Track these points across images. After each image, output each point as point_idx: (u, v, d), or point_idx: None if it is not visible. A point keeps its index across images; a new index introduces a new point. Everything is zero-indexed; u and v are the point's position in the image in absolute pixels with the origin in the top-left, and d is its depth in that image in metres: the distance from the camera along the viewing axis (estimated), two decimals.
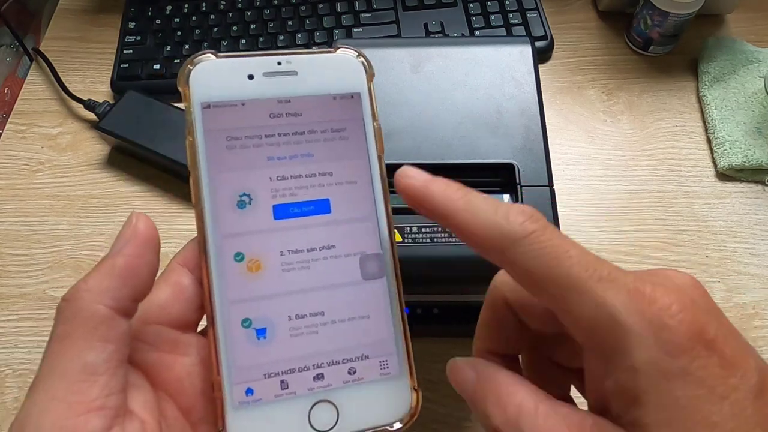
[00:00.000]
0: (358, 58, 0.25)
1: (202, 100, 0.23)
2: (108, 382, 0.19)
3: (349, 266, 0.24)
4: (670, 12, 0.59)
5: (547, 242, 0.18)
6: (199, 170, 0.23)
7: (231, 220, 0.23)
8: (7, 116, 0.63)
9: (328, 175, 0.24)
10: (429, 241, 0.35)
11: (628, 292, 0.17)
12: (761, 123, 0.58)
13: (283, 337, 0.23)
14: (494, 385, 0.19)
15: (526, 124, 0.39)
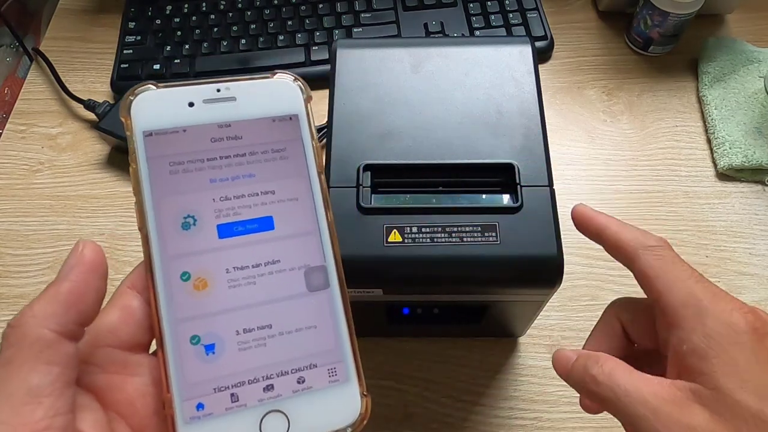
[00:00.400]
0: (294, 81, 0.27)
1: (143, 128, 0.24)
2: (53, 403, 0.19)
3: (295, 279, 0.25)
4: (670, 12, 0.59)
5: (666, 255, 0.27)
6: (143, 195, 0.24)
7: (176, 241, 0.24)
8: (7, 116, 0.63)
9: (270, 194, 0.25)
10: (429, 241, 0.35)
11: (713, 292, 0.25)
12: (761, 123, 0.58)
13: (232, 352, 0.24)
14: (593, 355, 0.26)
15: (526, 124, 0.39)
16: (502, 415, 0.46)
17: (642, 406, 0.23)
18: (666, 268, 0.26)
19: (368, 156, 0.37)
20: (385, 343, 0.49)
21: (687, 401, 0.23)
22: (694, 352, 0.24)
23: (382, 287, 0.36)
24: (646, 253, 0.27)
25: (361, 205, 0.36)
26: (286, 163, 0.26)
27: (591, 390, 0.26)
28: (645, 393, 0.24)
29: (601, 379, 0.25)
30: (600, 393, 0.25)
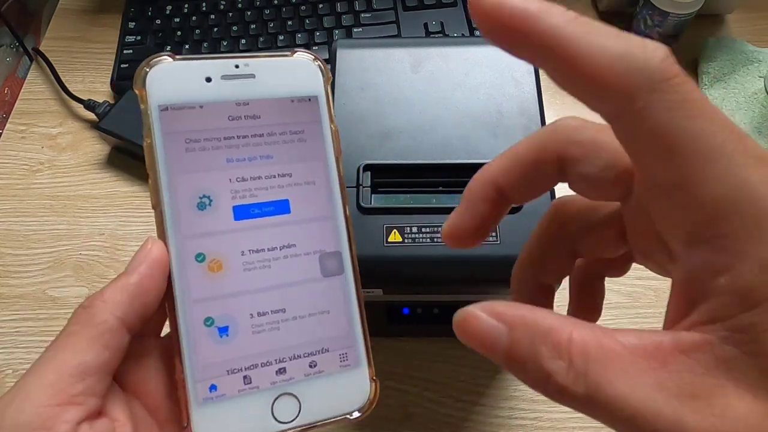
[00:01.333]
0: (314, 62, 0.26)
1: (159, 102, 0.23)
2: (94, 384, 0.21)
3: (309, 264, 0.25)
4: (670, 12, 0.59)
5: (690, 94, 0.14)
6: (158, 172, 0.23)
7: (191, 221, 0.23)
8: (7, 116, 0.63)
9: (287, 176, 0.25)
10: (429, 241, 0.35)
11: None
12: (761, 123, 0.58)
13: (246, 334, 0.24)
14: (543, 328, 0.15)
15: (526, 124, 0.39)
16: (502, 415, 0.46)
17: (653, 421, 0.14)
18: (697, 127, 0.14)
19: (368, 156, 0.37)
20: (385, 343, 0.49)
21: (715, 382, 0.13)
22: (740, 291, 0.13)
23: (382, 287, 0.36)
24: (655, 96, 0.14)
25: (361, 205, 0.36)
26: (304, 145, 0.25)
27: (563, 403, 0.15)
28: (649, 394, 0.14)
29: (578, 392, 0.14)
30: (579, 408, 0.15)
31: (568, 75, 0.15)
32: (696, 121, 0.14)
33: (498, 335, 0.16)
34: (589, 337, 0.15)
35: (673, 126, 0.14)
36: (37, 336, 0.50)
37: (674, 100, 0.14)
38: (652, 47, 0.15)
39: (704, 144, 0.14)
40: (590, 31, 0.14)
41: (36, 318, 0.51)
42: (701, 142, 0.14)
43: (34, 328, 0.51)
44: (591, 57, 0.14)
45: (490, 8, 0.15)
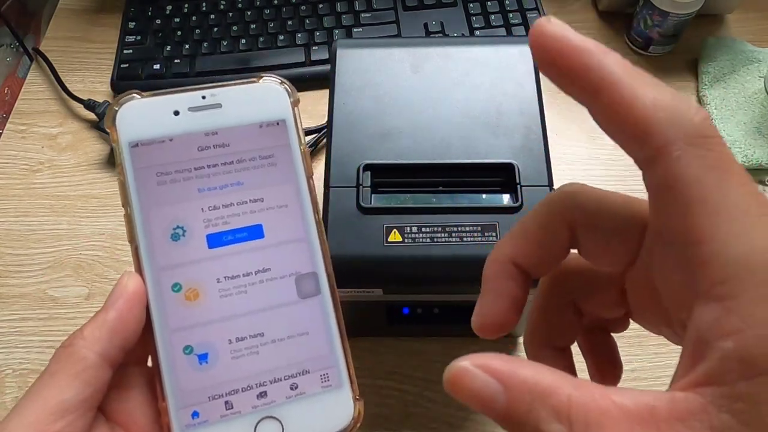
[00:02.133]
0: (281, 85, 0.26)
1: (129, 139, 0.24)
2: (75, 420, 0.21)
3: (286, 287, 0.25)
4: (670, 12, 0.59)
5: (725, 155, 0.15)
6: (132, 207, 0.24)
7: (166, 252, 0.24)
8: (7, 116, 0.63)
9: (259, 201, 0.25)
10: (429, 241, 0.35)
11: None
12: (761, 123, 0.58)
13: (225, 360, 0.24)
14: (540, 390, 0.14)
15: (526, 124, 0.39)
16: None
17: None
18: (723, 188, 0.14)
19: (368, 156, 0.37)
20: (385, 343, 0.49)
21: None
22: (744, 357, 0.13)
23: (382, 287, 0.36)
24: (690, 150, 0.14)
25: (361, 205, 0.36)
26: (275, 169, 0.25)
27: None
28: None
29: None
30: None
31: (613, 116, 0.15)
32: (727, 180, 0.14)
33: (494, 394, 0.15)
34: (588, 399, 0.14)
35: (704, 179, 0.14)
36: (37, 336, 0.50)
37: (709, 157, 0.14)
38: (696, 107, 0.15)
39: (731, 203, 0.14)
40: (641, 80, 0.15)
41: (36, 318, 0.51)
42: (728, 201, 0.14)
43: (34, 328, 0.50)
44: (639, 102, 0.15)
45: (552, 38, 0.16)
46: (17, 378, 0.48)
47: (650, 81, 0.16)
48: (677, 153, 0.14)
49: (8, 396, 0.48)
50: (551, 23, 0.16)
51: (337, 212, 0.36)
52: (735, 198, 0.14)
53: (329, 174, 0.37)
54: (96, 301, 0.52)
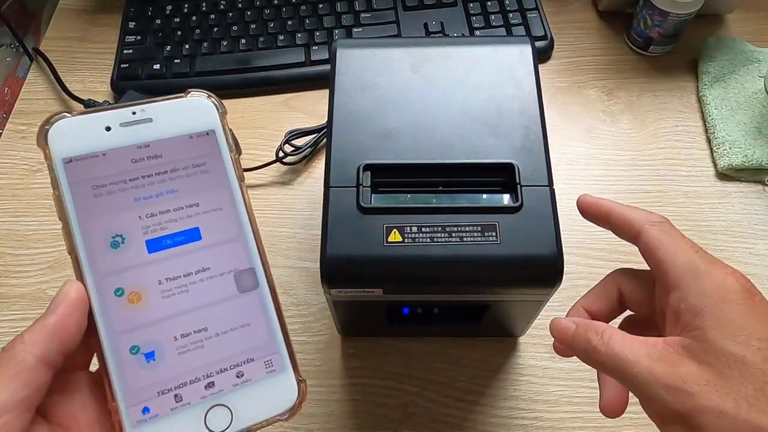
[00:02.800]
0: (209, 99, 0.28)
1: (62, 156, 0.25)
2: (11, 420, 0.22)
3: (225, 283, 0.27)
4: (670, 12, 0.59)
5: (669, 229, 0.29)
6: (70, 220, 0.25)
7: (107, 260, 0.25)
8: (7, 116, 0.63)
9: (195, 206, 0.27)
10: (429, 240, 0.35)
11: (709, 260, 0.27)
12: (761, 123, 0.58)
13: (172, 356, 0.25)
14: (593, 325, 0.28)
15: (526, 124, 0.39)
16: (502, 415, 0.46)
17: (638, 367, 0.25)
18: (669, 240, 0.29)
19: (368, 156, 0.37)
20: (385, 343, 0.49)
21: (678, 356, 0.25)
22: (690, 309, 0.26)
23: (382, 287, 0.36)
24: (651, 227, 0.29)
25: (361, 204, 0.36)
26: (208, 176, 0.27)
27: (592, 358, 0.27)
28: (639, 355, 0.25)
29: (602, 350, 0.27)
30: (600, 360, 0.27)
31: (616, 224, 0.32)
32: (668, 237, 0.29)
33: (569, 328, 0.29)
34: (614, 331, 0.27)
35: (658, 239, 0.29)
36: None
37: (661, 229, 0.29)
38: (653, 213, 0.31)
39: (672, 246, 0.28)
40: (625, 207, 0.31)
41: (36, 318, 0.51)
42: (671, 246, 0.28)
43: None
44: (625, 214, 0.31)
45: (585, 202, 0.33)
46: None
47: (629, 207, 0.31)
48: (645, 229, 0.30)
49: None
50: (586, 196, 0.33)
51: (337, 212, 0.36)
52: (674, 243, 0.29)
53: (329, 174, 0.37)
54: None
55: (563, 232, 0.35)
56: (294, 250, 0.54)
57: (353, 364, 0.48)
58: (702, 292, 0.26)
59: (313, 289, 0.52)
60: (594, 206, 0.32)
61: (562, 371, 0.48)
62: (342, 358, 0.49)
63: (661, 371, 0.25)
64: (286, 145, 0.57)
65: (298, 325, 0.50)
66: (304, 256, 0.54)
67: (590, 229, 0.55)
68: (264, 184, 0.58)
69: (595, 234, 0.54)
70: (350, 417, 0.46)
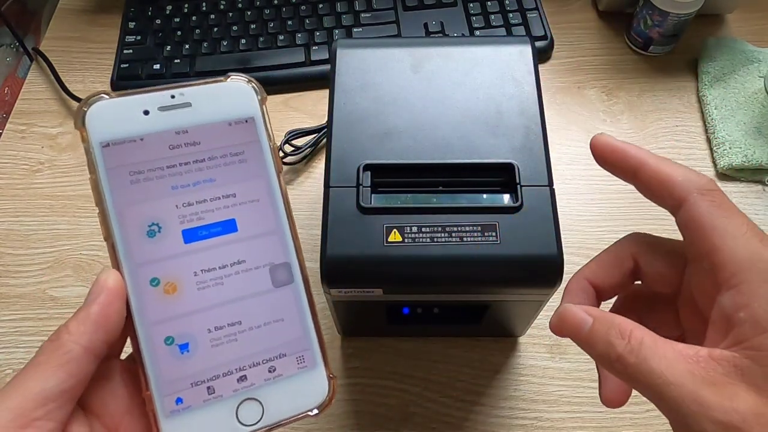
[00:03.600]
0: (249, 84, 0.27)
1: (100, 139, 0.25)
2: (55, 410, 0.22)
3: (260, 277, 0.26)
4: (670, 12, 0.59)
5: (724, 202, 0.23)
6: (106, 206, 0.25)
7: (143, 249, 0.25)
8: (7, 116, 0.63)
9: (232, 197, 0.26)
10: (429, 240, 0.35)
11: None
12: (761, 123, 0.58)
13: (205, 349, 0.25)
14: (616, 322, 0.23)
15: (525, 124, 0.39)
16: (502, 415, 0.46)
17: (680, 390, 0.20)
18: (726, 219, 0.22)
19: (368, 156, 0.37)
20: (385, 343, 0.49)
21: (731, 381, 0.20)
22: (754, 321, 0.20)
23: (382, 287, 0.36)
24: (702, 198, 0.23)
25: (361, 204, 0.36)
26: (246, 165, 0.26)
27: (617, 369, 0.22)
28: (680, 373, 0.20)
29: (631, 361, 0.21)
30: (628, 373, 0.22)
31: (649, 184, 0.25)
32: (725, 215, 0.22)
33: (584, 323, 0.23)
34: (645, 332, 0.22)
35: (710, 216, 0.23)
36: (37, 336, 0.50)
37: (713, 202, 0.23)
38: (703, 175, 0.24)
39: (731, 227, 0.22)
40: (662, 160, 0.25)
41: (36, 318, 0.51)
42: (729, 226, 0.22)
43: (34, 328, 0.51)
44: (664, 173, 0.25)
45: (603, 143, 0.26)
46: None
47: (669, 161, 0.25)
48: (692, 200, 0.23)
49: None
50: (604, 136, 0.26)
51: (337, 212, 0.36)
52: (731, 226, 0.22)
53: (329, 174, 0.37)
54: None
55: (563, 232, 0.35)
56: None
57: (353, 364, 0.48)
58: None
59: (313, 289, 0.52)
60: (619, 152, 0.25)
61: (562, 371, 0.48)
62: (342, 358, 0.49)
63: (712, 400, 0.20)
64: (286, 145, 0.57)
65: None
66: (304, 256, 0.53)
67: (590, 229, 0.55)
68: None
69: (595, 234, 0.54)
70: (350, 417, 0.46)
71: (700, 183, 0.23)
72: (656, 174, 0.24)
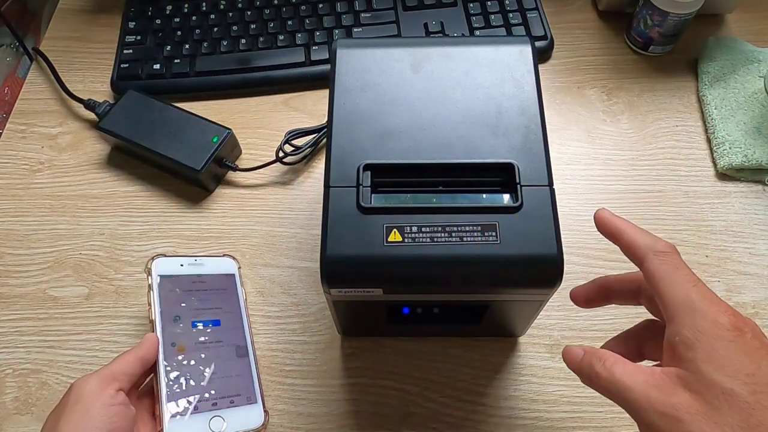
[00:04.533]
0: (233, 260, 0.51)
1: (159, 274, 0.46)
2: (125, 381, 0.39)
3: (229, 351, 0.46)
4: (670, 12, 0.59)
5: (672, 260, 0.30)
6: (154, 306, 0.45)
7: (170, 328, 0.44)
8: (7, 116, 0.63)
9: (219, 308, 0.47)
10: (429, 240, 0.35)
11: (705, 296, 0.29)
12: (761, 123, 0.58)
13: (196, 385, 0.43)
14: (597, 353, 0.31)
15: (525, 124, 0.39)
16: (502, 415, 0.46)
17: (634, 393, 0.28)
18: (669, 272, 0.30)
19: (368, 156, 0.37)
20: (385, 343, 0.49)
21: (672, 385, 0.27)
22: (684, 342, 0.28)
23: (382, 287, 0.36)
24: (655, 256, 0.30)
25: (361, 204, 0.36)
26: (228, 294, 0.49)
27: (594, 384, 0.30)
28: (637, 382, 0.28)
29: (603, 375, 0.29)
30: (602, 385, 0.29)
31: (624, 246, 0.33)
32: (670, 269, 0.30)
33: (578, 355, 0.32)
34: (617, 358, 0.30)
35: (659, 270, 0.30)
36: (37, 336, 0.50)
37: (663, 260, 0.30)
38: (663, 241, 0.31)
39: (671, 278, 0.30)
40: (636, 230, 0.32)
41: (36, 318, 0.51)
42: (670, 278, 0.30)
43: (34, 328, 0.51)
44: (633, 238, 0.32)
45: (601, 217, 0.34)
46: (17, 378, 0.48)
47: (640, 230, 0.32)
48: (649, 258, 0.31)
49: (8, 396, 0.48)
50: (604, 211, 0.34)
51: (337, 212, 0.36)
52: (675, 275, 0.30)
53: (329, 174, 0.37)
54: (96, 301, 0.52)
55: (563, 232, 0.35)
56: (294, 250, 0.54)
57: (353, 364, 0.48)
58: (695, 327, 0.27)
59: (313, 289, 0.52)
60: (608, 223, 0.34)
61: (562, 371, 0.48)
62: (342, 358, 0.49)
63: (656, 398, 0.27)
64: (286, 145, 0.57)
65: (298, 325, 0.50)
66: (304, 256, 0.54)
67: (590, 229, 0.55)
68: (264, 184, 0.58)
69: (595, 234, 0.54)
70: (350, 417, 0.46)
71: (656, 246, 0.31)
72: (629, 239, 0.32)
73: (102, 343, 0.50)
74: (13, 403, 0.47)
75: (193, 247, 0.54)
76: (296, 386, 0.48)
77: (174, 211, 0.56)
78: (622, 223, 0.33)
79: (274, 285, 0.52)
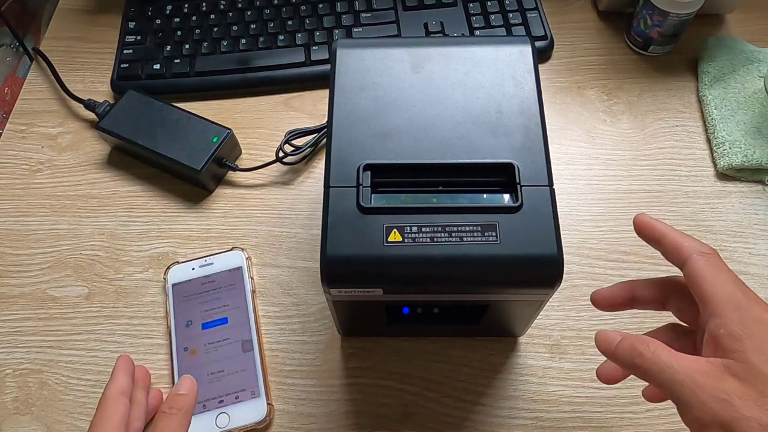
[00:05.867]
0: (242, 252, 0.52)
1: (172, 282, 0.51)
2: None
3: (236, 347, 0.48)
4: (670, 12, 0.59)
5: (715, 261, 0.32)
6: (169, 313, 0.49)
7: (183, 332, 0.49)
8: (7, 116, 0.63)
9: (227, 306, 0.50)
10: (429, 240, 0.35)
11: (751, 297, 0.30)
12: (761, 123, 0.58)
13: (204, 384, 0.46)
14: (639, 337, 0.31)
15: (525, 124, 0.39)
16: (502, 415, 0.46)
17: (681, 375, 0.28)
18: (714, 272, 0.31)
19: (368, 156, 0.37)
20: (385, 343, 0.49)
21: (720, 373, 0.28)
22: (731, 335, 0.29)
23: (382, 287, 0.36)
24: (699, 258, 0.32)
25: (361, 204, 0.36)
26: (235, 290, 0.50)
27: (636, 364, 0.30)
28: (683, 366, 0.29)
29: (647, 356, 0.30)
30: (645, 366, 0.30)
31: (666, 248, 0.34)
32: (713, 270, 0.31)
33: (615, 339, 0.32)
34: (660, 343, 0.30)
35: (703, 270, 0.31)
36: (37, 336, 0.50)
37: (707, 261, 0.32)
38: (704, 243, 0.33)
39: (715, 278, 0.31)
40: (678, 234, 0.34)
41: (36, 318, 0.51)
42: (714, 277, 0.31)
43: (34, 328, 0.51)
44: (677, 240, 0.33)
45: (641, 221, 0.36)
46: (17, 378, 0.48)
47: (682, 234, 0.34)
48: (693, 259, 0.32)
49: (8, 396, 0.48)
50: (644, 216, 0.36)
51: (337, 212, 0.36)
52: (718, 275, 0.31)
53: (329, 174, 0.37)
54: (96, 301, 0.52)
55: (563, 232, 0.35)
56: (294, 250, 0.54)
57: (353, 364, 0.48)
58: (742, 322, 0.29)
59: (313, 289, 0.52)
60: (650, 227, 0.35)
61: (562, 371, 0.48)
62: (342, 358, 0.49)
63: (705, 382, 0.28)
64: (286, 145, 0.57)
65: (298, 325, 0.50)
66: (304, 256, 0.54)
67: (590, 229, 0.55)
68: (264, 184, 0.58)
69: (595, 234, 0.54)
70: (350, 417, 0.46)
71: (700, 248, 0.32)
72: (673, 241, 0.34)
73: (102, 343, 0.50)
74: (13, 403, 0.47)
75: (193, 247, 0.54)
76: (296, 386, 0.48)
77: (174, 211, 0.56)
78: (664, 227, 0.34)
79: (274, 285, 0.52)
